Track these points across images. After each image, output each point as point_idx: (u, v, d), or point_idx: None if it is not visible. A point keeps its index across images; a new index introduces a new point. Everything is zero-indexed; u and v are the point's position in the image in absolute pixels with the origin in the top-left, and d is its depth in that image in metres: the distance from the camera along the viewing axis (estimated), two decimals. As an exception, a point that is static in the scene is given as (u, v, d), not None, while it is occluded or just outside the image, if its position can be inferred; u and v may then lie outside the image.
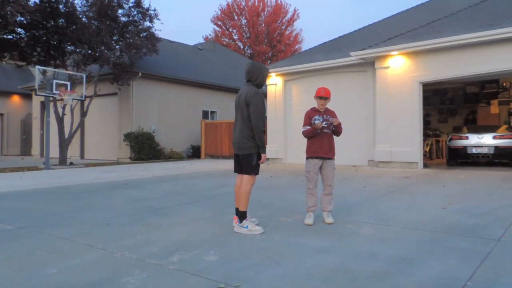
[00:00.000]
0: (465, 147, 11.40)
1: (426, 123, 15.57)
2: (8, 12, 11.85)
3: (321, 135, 4.58)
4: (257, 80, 4.23)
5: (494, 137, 11.06)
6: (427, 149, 14.30)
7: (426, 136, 13.74)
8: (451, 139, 11.87)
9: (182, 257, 3.31)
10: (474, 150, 11.25)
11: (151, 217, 4.91)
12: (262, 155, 4.15)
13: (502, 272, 2.91)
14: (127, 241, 3.82)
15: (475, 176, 9.12)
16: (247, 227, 4.09)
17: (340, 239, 3.84)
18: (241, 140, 4.16)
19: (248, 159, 4.15)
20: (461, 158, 11.78)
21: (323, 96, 4.59)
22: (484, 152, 11.10)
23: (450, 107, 17.70)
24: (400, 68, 11.18)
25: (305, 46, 42.71)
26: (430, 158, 14.59)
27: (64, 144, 14.09)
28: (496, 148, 10.97)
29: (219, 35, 40.81)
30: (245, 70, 4.27)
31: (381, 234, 4.01)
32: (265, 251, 3.47)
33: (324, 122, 4.53)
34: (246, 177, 4.18)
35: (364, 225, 4.40)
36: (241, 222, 4.13)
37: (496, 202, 5.66)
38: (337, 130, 4.63)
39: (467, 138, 11.42)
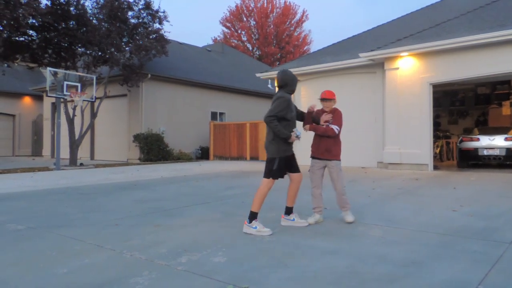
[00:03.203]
0: (476, 149, 11.26)
1: (436, 125, 15.42)
2: (20, 15, 12.01)
3: (319, 137, 4.66)
4: (288, 87, 4.34)
5: (506, 139, 10.91)
6: (437, 151, 14.17)
7: (436, 137, 13.60)
8: (461, 141, 11.73)
9: (190, 258, 3.32)
10: (485, 152, 11.11)
11: (159, 218, 4.93)
12: (292, 136, 4.18)
13: (513, 276, 2.86)
14: (136, 241, 3.85)
15: (486, 178, 9.01)
16: (256, 227, 4.09)
17: (348, 241, 3.82)
18: (266, 143, 4.36)
19: (270, 162, 4.25)
20: (472, 160, 11.63)
21: (324, 98, 4.69)
22: (495, 154, 10.96)
23: (460, 108, 17.49)
24: (409, 69, 11.10)
25: (314, 47, 42.56)
26: (440, 160, 14.45)
27: (74, 145, 14.24)
28: (508, 150, 10.82)
29: (228, 36, 40.92)
30: (277, 77, 4.44)
31: (390, 236, 3.98)
32: (273, 252, 3.46)
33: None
34: (264, 180, 4.25)
35: (373, 227, 4.37)
36: (250, 222, 4.14)
37: (507, 205, 5.58)
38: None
39: (478, 139, 11.28)
